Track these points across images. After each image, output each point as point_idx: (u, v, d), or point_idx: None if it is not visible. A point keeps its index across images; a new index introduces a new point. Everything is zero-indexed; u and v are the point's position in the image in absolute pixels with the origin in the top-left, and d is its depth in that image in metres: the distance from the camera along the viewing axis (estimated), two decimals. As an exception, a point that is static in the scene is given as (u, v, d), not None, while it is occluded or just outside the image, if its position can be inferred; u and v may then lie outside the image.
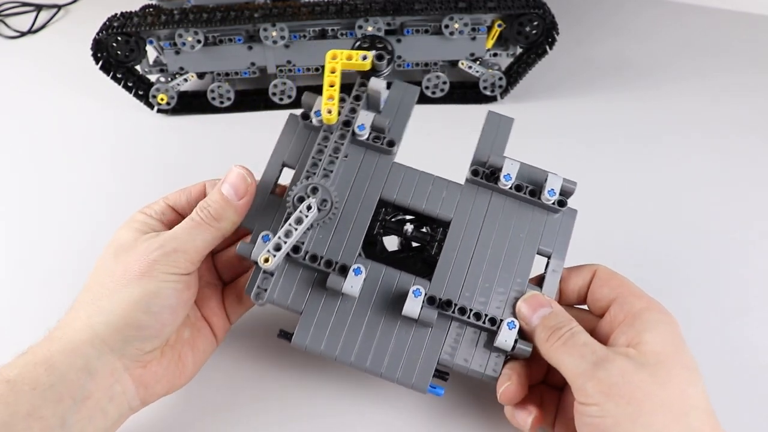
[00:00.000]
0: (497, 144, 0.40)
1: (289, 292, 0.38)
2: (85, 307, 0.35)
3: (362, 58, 0.39)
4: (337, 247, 0.38)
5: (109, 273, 0.36)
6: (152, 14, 0.65)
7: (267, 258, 0.36)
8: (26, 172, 0.64)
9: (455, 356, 0.37)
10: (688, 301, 0.48)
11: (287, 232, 0.36)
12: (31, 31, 0.87)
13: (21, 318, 0.49)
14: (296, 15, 0.64)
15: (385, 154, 0.40)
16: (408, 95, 0.42)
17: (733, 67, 0.75)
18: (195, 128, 0.69)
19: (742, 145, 0.63)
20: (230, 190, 0.38)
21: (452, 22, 0.65)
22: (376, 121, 0.39)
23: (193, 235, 0.37)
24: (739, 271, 0.51)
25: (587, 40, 0.81)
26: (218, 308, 0.42)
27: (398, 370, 0.36)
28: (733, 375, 0.43)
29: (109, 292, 0.35)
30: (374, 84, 0.39)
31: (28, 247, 0.55)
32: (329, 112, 0.38)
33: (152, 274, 0.35)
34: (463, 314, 0.37)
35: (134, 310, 0.34)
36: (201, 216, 0.37)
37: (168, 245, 0.36)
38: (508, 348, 0.36)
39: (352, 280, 0.36)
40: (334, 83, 0.38)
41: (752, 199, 0.57)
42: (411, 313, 0.36)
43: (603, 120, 0.67)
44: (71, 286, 0.51)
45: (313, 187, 0.37)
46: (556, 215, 0.39)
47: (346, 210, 0.39)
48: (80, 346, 0.33)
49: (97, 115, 0.70)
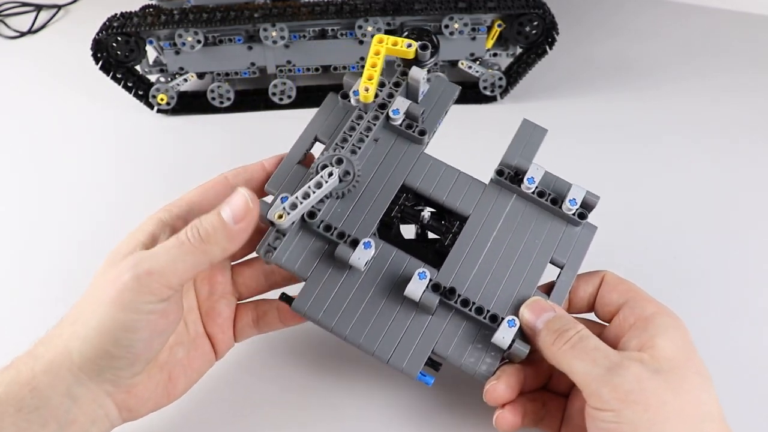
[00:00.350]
0: (527, 151, 0.40)
1: (298, 257, 0.38)
2: (68, 325, 0.33)
3: (407, 46, 0.39)
4: (353, 222, 0.39)
5: (95, 288, 0.34)
6: (152, 14, 0.65)
7: (281, 215, 0.35)
8: (26, 172, 0.64)
9: (451, 348, 0.37)
10: (689, 301, 0.48)
11: (305, 193, 0.36)
12: (31, 31, 0.87)
13: (17, 318, 0.49)
14: (296, 15, 0.64)
15: (416, 143, 0.41)
16: (447, 91, 0.43)
17: (733, 67, 0.75)
18: (195, 128, 0.69)
19: (742, 145, 0.63)
20: (228, 213, 0.33)
21: (452, 22, 0.65)
22: (411, 108, 0.40)
23: (174, 256, 0.32)
24: (741, 272, 0.51)
25: (587, 40, 0.81)
26: (226, 325, 0.40)
27: (391, 351, 0.36)
28: (736, 375, 0.43)
29: (87, 314, 0.32)
30: (414, 73, 0.40)
31: (27, 246, 0.55)
32: (366, 90, 0.38)
33: (122, 303, 0.31)
34: (466, 306, 0.36)
35: (104, 342, 0.31)
36: (189, 236, 0.32)
37: (141, 265, 0.31)
38: (505, 345, 0.36)
39: (360, 253, 0.37)
40: (375, 65, 0.39)
41: (753, 199, 0.57)
42: (413, 294, 0.36)
43: (603, 120, 0.67)
44: (70, 285, 0.51)
45: (338, 158, 0.38)
46: (576, 228, 0.39)
47: (369, 189, 0.40)
48: (60, 370, 0.32)
49: (97, 115, 0.70)
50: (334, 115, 0.42)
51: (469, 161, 0.42)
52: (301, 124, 0.43)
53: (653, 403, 0.31)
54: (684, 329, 0.35)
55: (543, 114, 0.69)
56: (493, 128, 0.64)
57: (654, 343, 0.33)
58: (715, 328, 0.46)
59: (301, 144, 0.42)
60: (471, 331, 0.37)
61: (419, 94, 0.41)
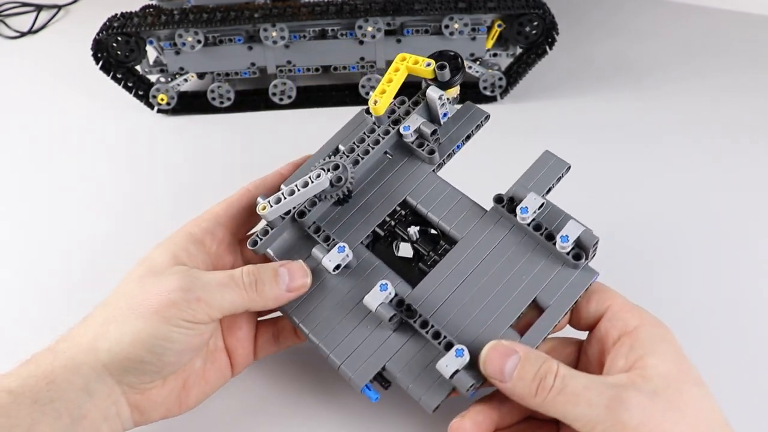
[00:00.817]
0: (540, 184, 0.38)
1: (284, 249, 0.40)
2: (95, 326, 0.34)
3: (425, 65, 0.40)
4: (344, 230, 0.39)
5: (128, 295, 0.35)
6: (152, 14, 0.65)
7: (264, 206, 0.37)
8: (26, 172, 0.64)
9: (402, 370, 0.35)
10: (689, 302, 0.48)
11: (291, 190, 0.37)
12: (32, 32, 0.87)
13: (21, 317, 0.49)
14: (296, 15, 0.64)
15: (426, 163, 0.41)
16: (473, 116, 0.42)
17: (733, 67, 0.75)
18: (195, 128, 0.69)
19: (742, 145, 0.63)
20: (285, 279, 0.37)
21: (452, 22, 0.65)
22: (423, 126, 0.40)
23: (224, 293, 0.35)
24: (741, 271, 0.51)
25: (587, 40, 0.81)
26: (247, 340, 0.40)
27: (344, 358, 0.36)
28: (737, 375, 0.43)
29: (120, 318, 0.34)
30: (430, 92, 0.40)
31: (26, 245, 0.55)
32: (375, 102, 0.39)
33: (166, 316, 0.33)
34: (423, 327, 0.35)
35: (138, 346, 0.33)
36: (244, 281, 0.36)
37: (193, 292, 0.34)
38: (445, 374, 0.33)
39: (332, 255, 0.37)
40: (391, 80, 0.39)
41: (753, 199, 0.57)
42: (369, 304, 0.36)
43: (603, 120, 0.67)
44: (69, 283, 0.51)
45: (335, 164, 0.39)
46: (572, 270, 0.36)
47: (370, 201, 0.40)
48: (82, 366, 0.32)
49: (97, 116, 0.71)
50: (358, 130, 0.43)
51: (468, 161, 0.42)
52: (301, 125, 0.43)
53: (667, 429, 0.30)
54: (671, 338, 0.33)
55: (543, 114, 0.69)
56: (493, 128, 0.64)
57: (645, 363, 0.32)
58: (716, 329, 0.46)
59: (321, 152, 0.43)
60: (426, 357, 0.35)
61: (441, 116, 0.41)
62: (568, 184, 0.41)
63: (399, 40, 0.67)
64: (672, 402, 0.31)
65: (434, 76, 0.40)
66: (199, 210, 0.41)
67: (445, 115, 0.41)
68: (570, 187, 0.41)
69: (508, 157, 0.40)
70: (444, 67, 0.39)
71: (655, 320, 0.34)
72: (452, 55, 0.40)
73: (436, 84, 0.40)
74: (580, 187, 0.39)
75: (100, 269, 0.52)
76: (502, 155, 0.41)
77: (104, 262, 0.53)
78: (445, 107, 0.41)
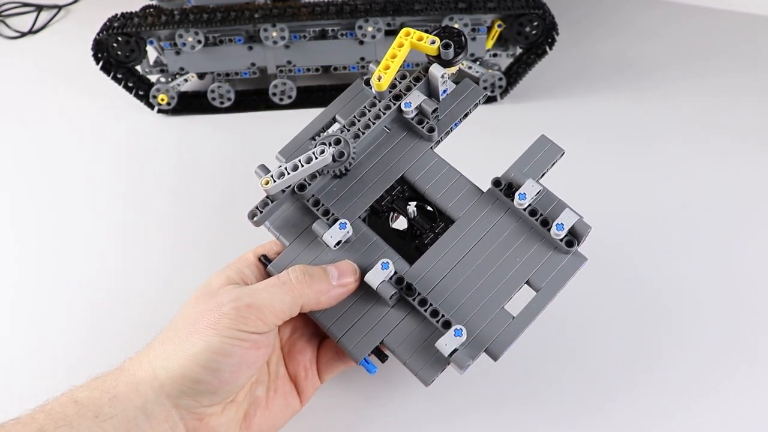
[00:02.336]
0: (535, 168, 0.39)
1: (283, 223, 0.40)
2: (156, 346, 0.34)
3: (430, 43, 0.39)
4: (344, 203, 0.40)
5: (186, 317, 0.35)
6: (152, 15, 0.65)
7: (267, 181, 0.37)
8: (26, 172, 0.64)
9: (400, 344, 0.36)
10: (689, 302, 0.48)
11: (294, 165, 0.37)
12: (32, 32, 0.87)
13: (15, 316, 0.49)
14: (296, 15, 0.64)
15: (424, 139, 0.41)
16: (472, 94, 0.42)
17: (733, 67, 0.75)
18: (195, 128, 0.69)
19: (742, 145, 0.63)
20: (334, 272, 0.36)
21: (452, 22, 0.65)
22: (424, 104, 0.40)
23: (273, 294, 0.34)
24: (741, 271, 0.51)
25: (587, 40, 0.81)
26: (310, 365, 0.39)
27: (343, 331, 0.37)
28: (738, 374, 0.43)
29: (178, 338, 0.34)
30: (433, 69, 0.40)
31: (26, 245, 0.55)
32: (379, 78, 0.39)
33: (218, 329, 0.33)
34: (422, 306, 0.36)
35: (193, 363, 0.32)
36: (291, 277, 0.35)
37: (242, 300, 0.34)
38: (445, 352, 0.35)
39: (333, 231, 0.37)
40: (395, 55, 0.39)
41: (753, 198, 0.57)
42: (370, 281, 0.36)
43: (603, 120, 0.67)
44: (67, 284, 0.51)
45: (336, 138, 0.39)
46: (562, 255, 0.37)
47: (368, 175, 0.40)
48: (141, 384, 0.32)
49: (98, 116, 0.71)
50: (356, 100, 0.43)
51: (468, 161, 0.42)
52: (301, 125, 0.43)
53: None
54: None
55: (542, 114, 0.69)
56: (493, 128, 0.65)
57: None
58: (716, 329, 0.46)
59: (318, 121, 0.43)
60: (423, 333, 0.36)
61: (440, 93, 0.41)
62: (569, 184, 0.41)
63: (399, 41, 0.67)
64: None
65: (438, 53, 0.40)
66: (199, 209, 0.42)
67: (444, 92, 0.41)
68: (570, 186, 0.41)
69: (508, 156, 0.39)
70: (449, 46, 0.39)
71: None
72: (456, 32, 0.40)
73: (439, 62, 0.40)
74: (579, 187, 0.39)
75: (99, 268, 0.52)
76: (502, 155, 0.41)
77: (104, 261, 0.53)
78: (446, 84, 0.41)
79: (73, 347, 0.46)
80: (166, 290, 0.50)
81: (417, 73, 0.41)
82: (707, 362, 0.44)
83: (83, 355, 0.45)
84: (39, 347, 0.47)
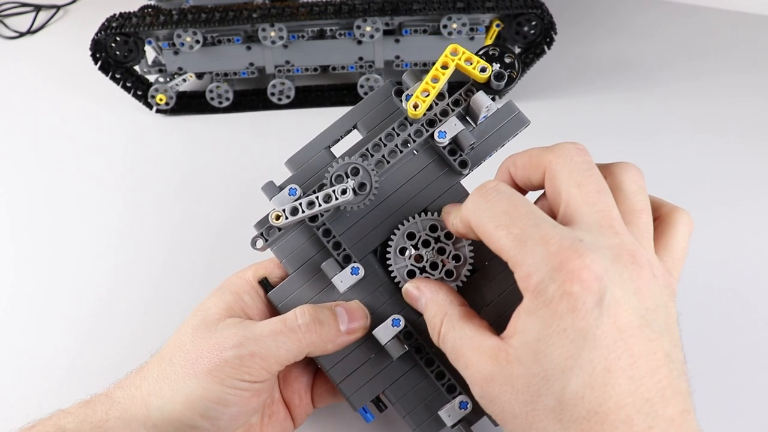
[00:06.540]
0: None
1: (289, 250, 0.36)
2: (150, 380, 0.33)
3: (480, 70, 0.34)
4: (355, 236, 0.36)
5: (182, 350, 0.33)
6: (151, 14, 0.65)
7: (278, 216, 0.34)
8: (25, 172, 0.64)
9: (400, 398, 0.35)
10: (688, 301, 0.48)
11: (310, 202, 0.34)
12: (30, 32, 0.87)
13: (14, 315, 0.49)
14: (295, 15, 0.64)
15: (454, 173, 0.37)
16: (513, 123, 0.37)
17: (733, 67, 0.75)
18: (194, 128, 0.69)
19: (741, 145, 0.63)
20: (344, 316, 0.34)
21: (450, 22, 0.65)
22: (461, 136, 0.35)
23: (279, 342, 0.32)
24: (741, 270, 0.50)
25: (585, 39, 0.81)
26: (305, 391, 0.38)
27: (343, 377, 0.35)
28: (739, 374, 0.43)
29: (173, 377, 0.32)
30: (479, 99, 0.35)
31: (25, 244, 0.55)
32: (415, 107, 0.34)
33: (219, 376, 0.31)
34: (429, 366, 0.35)
35: (191, 410, 0.31)
36: (300, 323, 0.33)
37: (246, 347, 0.31)
38: (448, 423, 0.34)
39: (344, 276, 0.35)
40: (437, 78, 0.34)
41: (753, 198, 0.57)
42: (380, 337, 0.34)
43: (601, 120, 0.67)
44: (66, 284, 0.51)
45: (354, 167, 0.35)
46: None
47: (386, 204, 0.36)
48: (133, 422, 0.31)
49: (96, 116, 0.71)
50: (381, 109, 0.38)
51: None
52: (300, 125, 0.43)
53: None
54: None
55: (541, 114, 0.69)
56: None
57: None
58: (716, 329, 0.46)
59: (337, 128, 0.38)
60: (426, 389, 0.35)
61: (479, 119, 0.36)
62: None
63: (397, 40, 0.67)
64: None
65: (487, 81, 0.35)
66: (199, 210, 0.41)
67: (484, 117, 0.37)
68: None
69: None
70: (501, 77, 0.35)
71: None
72: (511, 61, 0.35)
73: (486, 89, 0.35)
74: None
75: (98, 269, 0.52)
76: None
77: (103, 262, 0.53)
78: (488, 111, 0.36)
79: (73, 347, 0.46)
80: (166, 290, 0.50)
81: (457, 96, 0.36)
82: (708, 358, 0.44)
83: (83, 354, 0.45)
84: (39, 347, 0.47)
